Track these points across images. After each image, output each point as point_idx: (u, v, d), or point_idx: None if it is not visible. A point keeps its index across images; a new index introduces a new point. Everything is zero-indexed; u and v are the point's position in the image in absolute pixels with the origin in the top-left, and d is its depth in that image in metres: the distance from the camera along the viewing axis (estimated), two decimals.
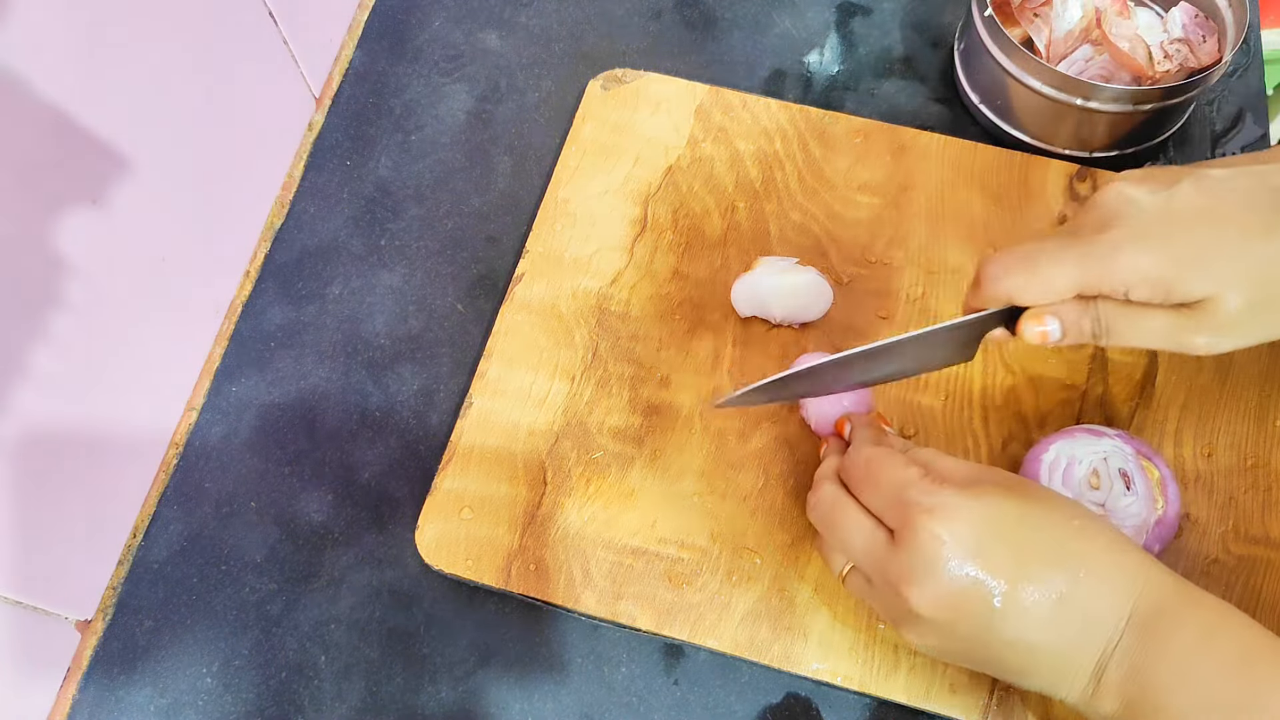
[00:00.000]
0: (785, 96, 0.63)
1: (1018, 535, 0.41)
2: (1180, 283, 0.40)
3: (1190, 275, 0.40)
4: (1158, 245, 0.41)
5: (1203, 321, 0.41)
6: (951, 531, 0.41)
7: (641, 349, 0.55)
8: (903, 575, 0.41)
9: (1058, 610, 0.40)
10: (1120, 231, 0.41)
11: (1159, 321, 0.42)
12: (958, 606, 0.41)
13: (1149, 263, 0.41)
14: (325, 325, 0.58)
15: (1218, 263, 0.40)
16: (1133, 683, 0.39)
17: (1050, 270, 0.42)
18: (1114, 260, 0.41)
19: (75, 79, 0.44)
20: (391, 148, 0.63)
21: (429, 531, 0.51)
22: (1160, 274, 0.41)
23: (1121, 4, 0.60)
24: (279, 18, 0.58)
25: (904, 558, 0.41)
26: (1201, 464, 0.51)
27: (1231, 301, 0.40)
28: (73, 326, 0.47)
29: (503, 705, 0.50)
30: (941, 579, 0.40)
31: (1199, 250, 0.40)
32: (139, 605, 0.53)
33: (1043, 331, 0.43)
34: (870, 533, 0.43)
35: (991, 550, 0.41)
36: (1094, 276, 0.42)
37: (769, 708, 0.49)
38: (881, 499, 0.43)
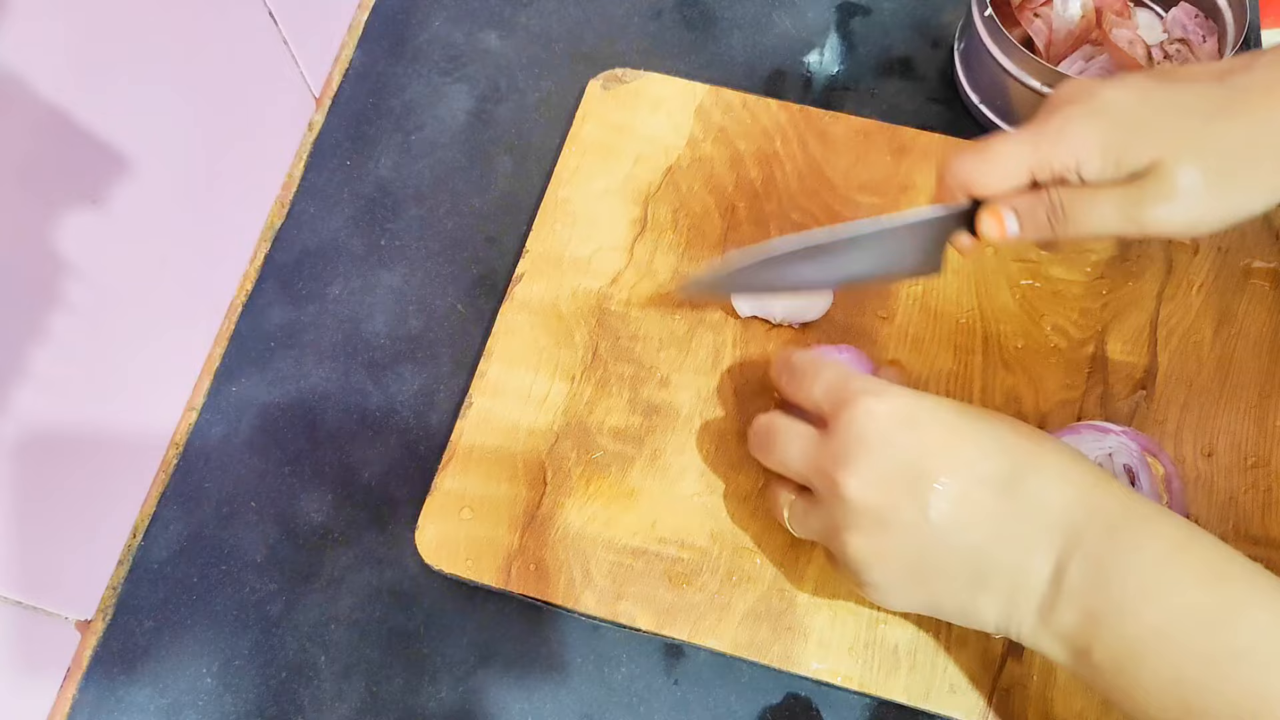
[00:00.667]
0: (785, 96, 0.63)
1: (957, 421, 0.40)
2: (1128, 148, 0.40)
3: (1138, 140, 0.40)
4: (1107, 119, 0.41)
5: (1154, 190, 0.40)
6: (887, 405, 0.40)
7: (641, 349, 0.55)
8: (837, 457, 0.40)
9: (1001, 497, 0.39)
10: (1071, 109, 0.42)
11: (1112, 198, 0.41)
12: (893, 487, 0.39)
13: (1098, 133, 0.41)
14: (325, 325, 0.58)
15: (1166, 129, 0.40)
16: (1097, 590, 0.37)
17: (1003, 153, 0.43)
18: (1063, 135, 0.41)
19: (75, 79, 0.44)
20: (391, 148, 0.63)
21: (429, 531, 0.51)
22: (1108, 141, 0.41)
23: (1121, 4, 0.60)
24: (279, 18, 0.58)
25: (837, 440, 0.40)
26: (1201, 464, 0.51)
27: (1181, 166, 0.40)
28: (73, 326, 0.47)
29: (503, 705, 0.50)
30: (873, 451, 0.39)
31: (1147, 118, 0.41)
32: (139, 605, 0.53)
33: (1000, 227, 0.43)
34: (805, 431, 0.43)
35: (929, 429, 0.40)
36: (1045, 154, 0.42)
37: (769, 708, 0.49)
38: (821, 390, 0.43)
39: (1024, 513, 0.39)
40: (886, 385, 0.42)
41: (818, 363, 0.45)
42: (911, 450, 0.39)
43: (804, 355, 0.46)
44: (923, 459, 0.39)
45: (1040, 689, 0.47)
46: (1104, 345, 0.54)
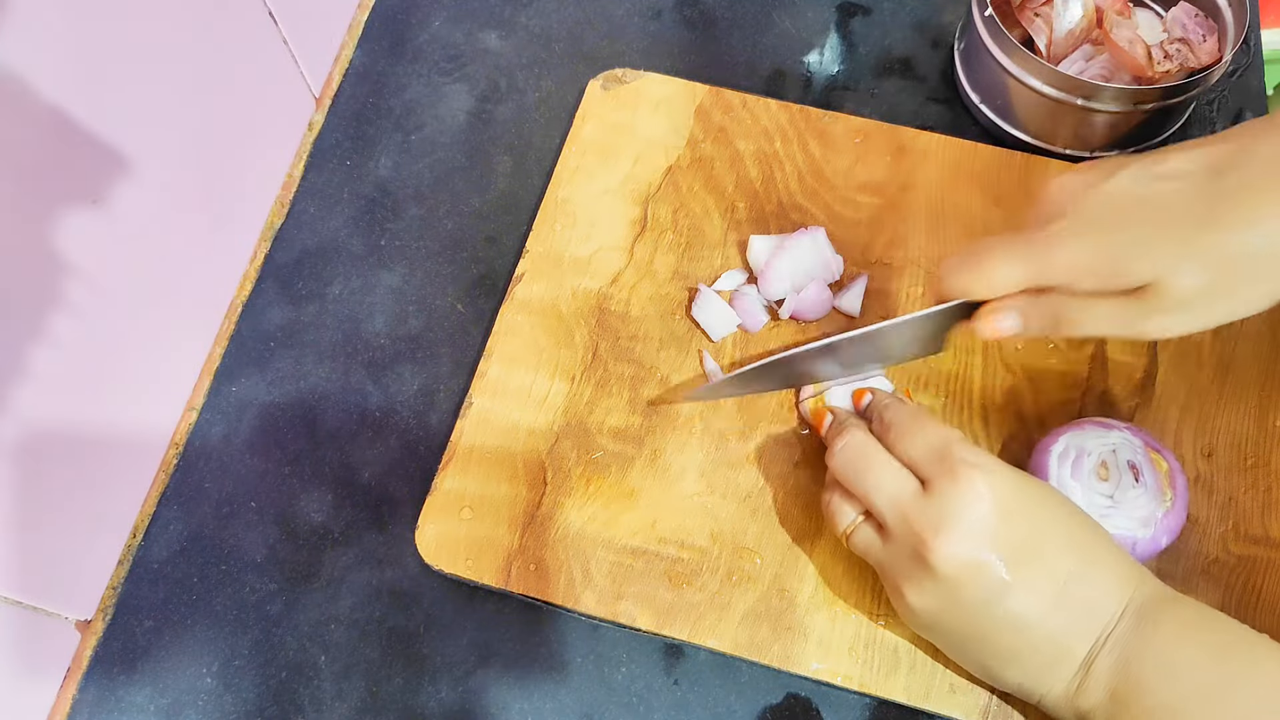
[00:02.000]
0: (785, 96, 0.63)
1: (1041, 514, 0.42)
2: (1122, 269, 0.41)
3: (1130, 261, 0.41)
4: (1097, 235, 0.42)
5: (1151, 306, 0.41)
6: (992, 489, 0.41)
7: (641, 349, 0.55)
8: (932, 523, 0.41)
9: (1063, 592, 0.41)
10: (1061, 224, 0.42)
11: (1109, 309, 0.42)
12: (975, 567, 0.41)
13: (1089, 253, 0.42)
14: (325, 325, 0.58)
15: (1157, 247, 0.41)
16: (1120, 674, 0.40)
17: (996, 268, 0.43)
18: (1055, 254, 0.42)
19: (75, 79, 0.44)
20: (391, 148, 0.63)
21: (429, 531, 0.51)
22: (1100, 263, 0.41)
23: (1122, 4, 0.60)
24: (279, 18, 0.58)
25: (938, 505, 0.42)
26: (1201, 464, 0.51)
27: (1176, 284, 0.40)
28: (73, 326, 0.47)
29: (503, 705, 0.50)
30: (971, 533, 0.41)
31: (1138, 236, 0.41)
32: (139, 605, 0.53)
33: (996, 328, 0.45)
34: (903, 478, 0.43)
35: (1019, 519, 0.42)
36: (1038, 271, 0.43)
37: (769, 708, 0.49)
38: (922, 449, 0.43)
39: (1077, 609, 0.41)
40: (987, 458, 0.43)
41: (919, 417, 0.45)
42: (1002, 541, 0.41)
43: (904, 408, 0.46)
44: (1009, 554, 0.41)
45: None
46: (1104, 345, 0.54)
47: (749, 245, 0.56)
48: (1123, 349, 0.54)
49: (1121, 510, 0.47)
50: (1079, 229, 0.42)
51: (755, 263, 0.56)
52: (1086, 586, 0.41)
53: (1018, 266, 0.43)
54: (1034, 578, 0.41)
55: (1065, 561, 0.42)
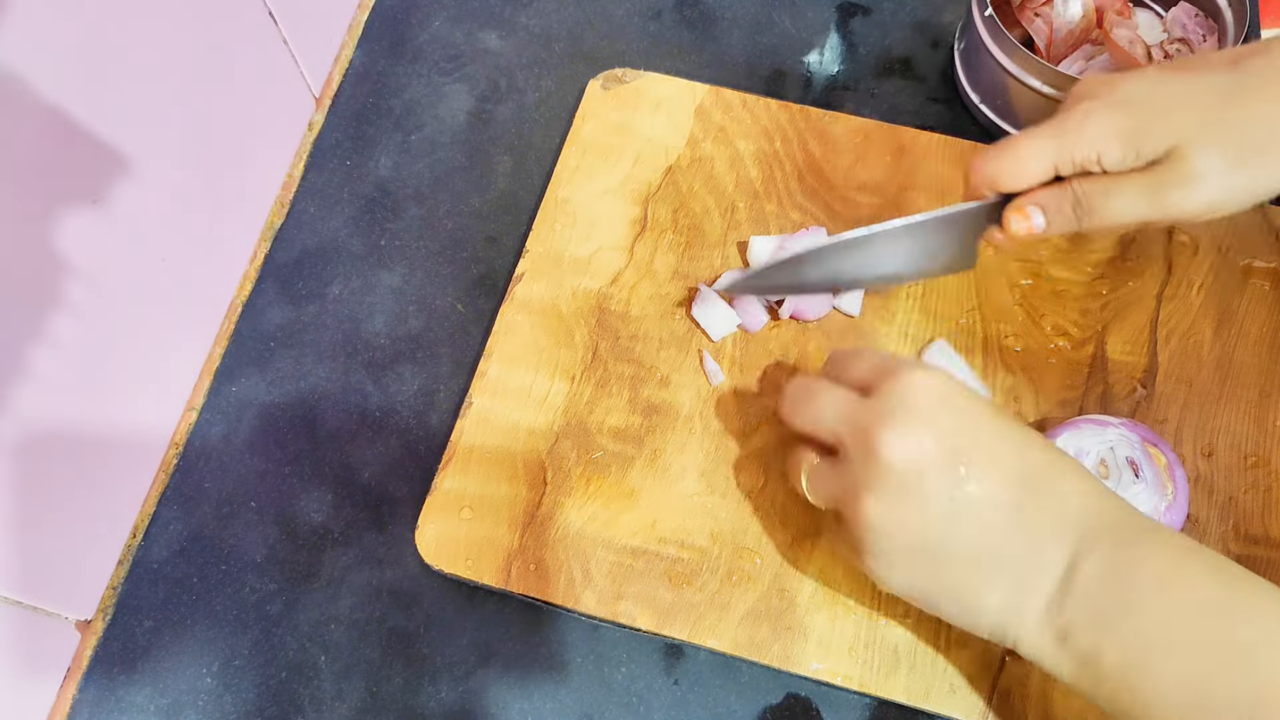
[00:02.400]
0: (785, 96, 0.63)
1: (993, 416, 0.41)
2: (1146, 136, 0.42)
3: (1155, 127, 0.42)
4: (1125, 109, 0.43)
5: (1175, 175, 0.42)
6: (935, 381, 0.41)
7: (641, 349, 0.55)
8: (879, 416, 0.41)
9: (1025, 495, 0.40)
10: (1091, 103, 0.44)
11: (1134, 185, 0.43)
12: (926, 457, 0.39)
13: (1116, 123, 0.43)
14: (325, 325, 0.59)
15: (1182, 116, 0.42)
16: (1108, 592, 0.38)
17: (1027, 148, 0.44)
18: (1084, 127, 0.43)
19: (75, 79, 0.44)
20: (391, 148, 0.63)
21: (429, 531, 0.51)
22: (1127, 130, 0.42)
23: (1122, 3, 0.60)
24: (279, 18, 0.58)
25: (883, 400, 0.41)
26: (1201, 464, 0.51)
27: (1199, 151, 0.41)
28: (73, 326, 0.47)
29: (503, 705, 0.50)
30: (919, 418, 0.40)
31: (1164, 106, 0.43)
32: (139, 605, 0.53)
33: (1027, 223, 0.45)
34: (846, 393, 0.43)
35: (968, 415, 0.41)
36: (1067, 147, 0.44)
37: (769, 708, 0.49)
38: (866, 366, 0.44)
39: (1041, 509, 0.40)
40: (930, 365, 0.43)
41: (869, 350, 0.46)
42: (950, 428, 0.40)
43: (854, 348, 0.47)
44: (959, 438, 0.40)
45: (1040, 689, 0.47)
46: (1104, 345, 0.54)
47: (750, 245, 0.56)
48: (1123, 349, 0.54)
49: None
50: (1108, 105, 0.43)
51: (756, 263, 0.56)
52: (1049, 490, 0.40)
53: (1046, 145, 0.44)
54: (993, 471, 0.40)
55: (1021, 461, 0.40)
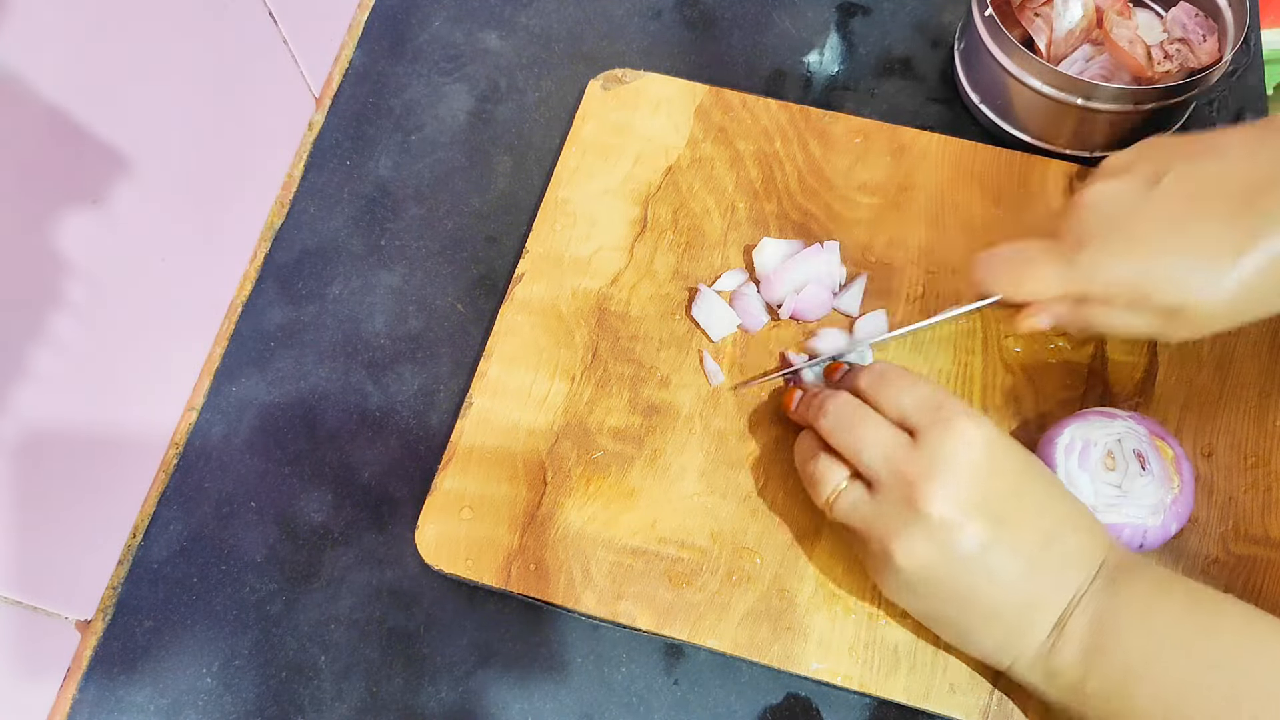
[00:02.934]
0: (785, 96, 0.63)
1: (1025, 473, 0.44)
2: (1156, 294, 0.43)
3: (1165, 288, 0.43)
4: (1134, 260, 0.44)
5: (1182, 323, 0.44)
6: (985, 440, 0.43)
7: (641, 349, 0.55)
8: (925, 469, 0.42)
9: (1043, 551, 0.42)
10: (1099, 246, 0.45)
11: (1141, 320, 0.45)
12: (966, 514, 0.42)
13: (1126, 279, 0.44)
14: (325, 325, 0.58)
15: (1192, 277, 0.43)
16: (1094, 630, 0.41)
17: (1035, 281, 0.46)
18: (1094, 274, 0.44)
19: (75, 79, 0.44)
20: (391, 148, 0.63)
21: (429, 531, 0.51)
22: (1136, 287, 0.44)
23: (1122, 4, 0.60)
24: (279, 18, 0.58)
25: (931, 452, 0.42)
26: (1201, 464, 0.51)
27: (1207, 307, 0.43)
28: (73, 326, 0.47)
29: (503, 705, 0.50)
30: (964, 480, 0.42)
31: (1174, 264, 0.43)
32: (139, 605, 0.53)
33: (1034, 326, 0.47)
34: (893, 431, 0.44)
35: (1006, 474, 0.43)
36: (1078, 285, 0.45)
37: (769, 708, 0.49)
38: (914, 401, 0.44)
39: (1054, 568, 0.43)
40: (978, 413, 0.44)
41: (910, 375, 0.46)
42: (991, 490, 0.42)
43: (893, 367, 0.47)
44: (997, 500, 0.42)
45: None
46: (1104, 345, 0.54)
47: (760, 247, 0.56)
48: (1123, 349, 0.54)
49: (1130, 499, 0.47)
50: (1116, 254, 0.44)
51: (763, 267, 0.56)
52: (1063, 546, 0.43)
53: (1057, 282, 0.45)
54: (1017, 533, 0.42)
55: (1045, 521, 0.43)
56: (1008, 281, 0.47)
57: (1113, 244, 0.44)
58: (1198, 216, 0.43)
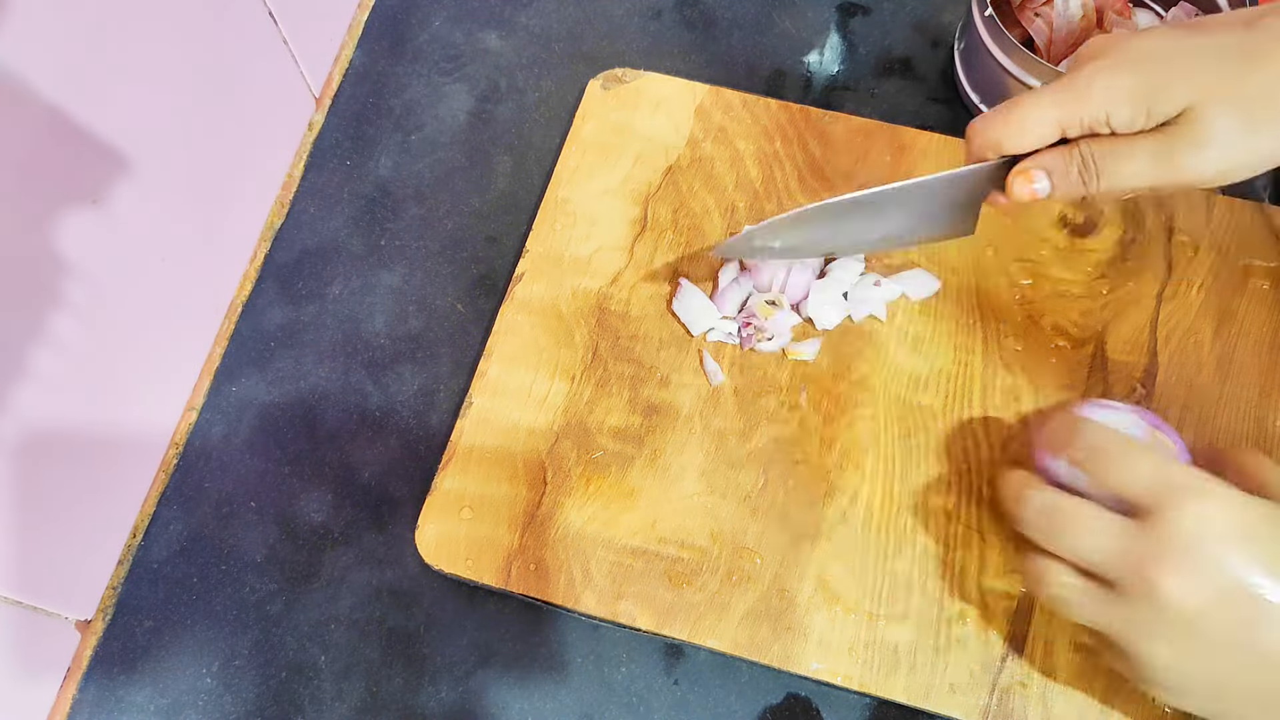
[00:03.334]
0: (785, 96, 0.63)
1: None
2: (1158, 95, 0.40)
3: (1168, 86, 0.40)
4: (1136, 67, 0.41)
5: (1187, 137, 0.40)
6: (1224, 511, 0.37)
7: (641, 349, 0.55)
8: (1160, 553, 0.37)
9: None
10: (1100, 62, 0.41)
11: (1144, 147, 0.41)
12: (1221, 598, 0.37)
13: (1127, 81, 0.40)
14: (325, 325, 0.59)
15: (1196, 75, 0.40)
16: None
17: (1031, 109, 0.42)
18: (1092, 86, 0.41)
19: (75, 79, 0.44)
20: (391, 148, 0.63)
21: (429, 531, 0.51)
22: (1138, 89, 0.40)
23: (1122, 3, 0.60)
24: (279, 18, 0.58)
25: (1164, 533, 0.37)
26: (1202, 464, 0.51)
27: (1213, 112, 0.39)
28: (73, 326, 0.47)
29: (503, 705, 0.50)
30: (1209, 556, 0.37)
31: (1177, 65, 0.40)
32: (139, 605, 0.53)
33: (1031, 188, 0.43)
34: (1110, 519, 0.39)
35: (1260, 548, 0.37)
36: (1074, 107, 0.41)
37: (769, 708, 0.49)
38: (1133, 478, 0.39)
39: None
40: (1215, 483, 0.39)
41: (1128, 445, 0.41)
42: (1246, 565, 0.37)
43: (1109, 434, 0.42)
44: (1257, 576, 0.37)
45: (1040, 689, 0.47)
46: (1104, 345, 0.54)
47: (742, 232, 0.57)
48: (1123, 349, 0.54)
49: None
50: (1116, 64, 0.41)
51: None
52: None
53: (1051, 105, 0.42)
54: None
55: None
56: (999, 124, 0.43)
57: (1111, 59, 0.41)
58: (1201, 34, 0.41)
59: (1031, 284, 0.56)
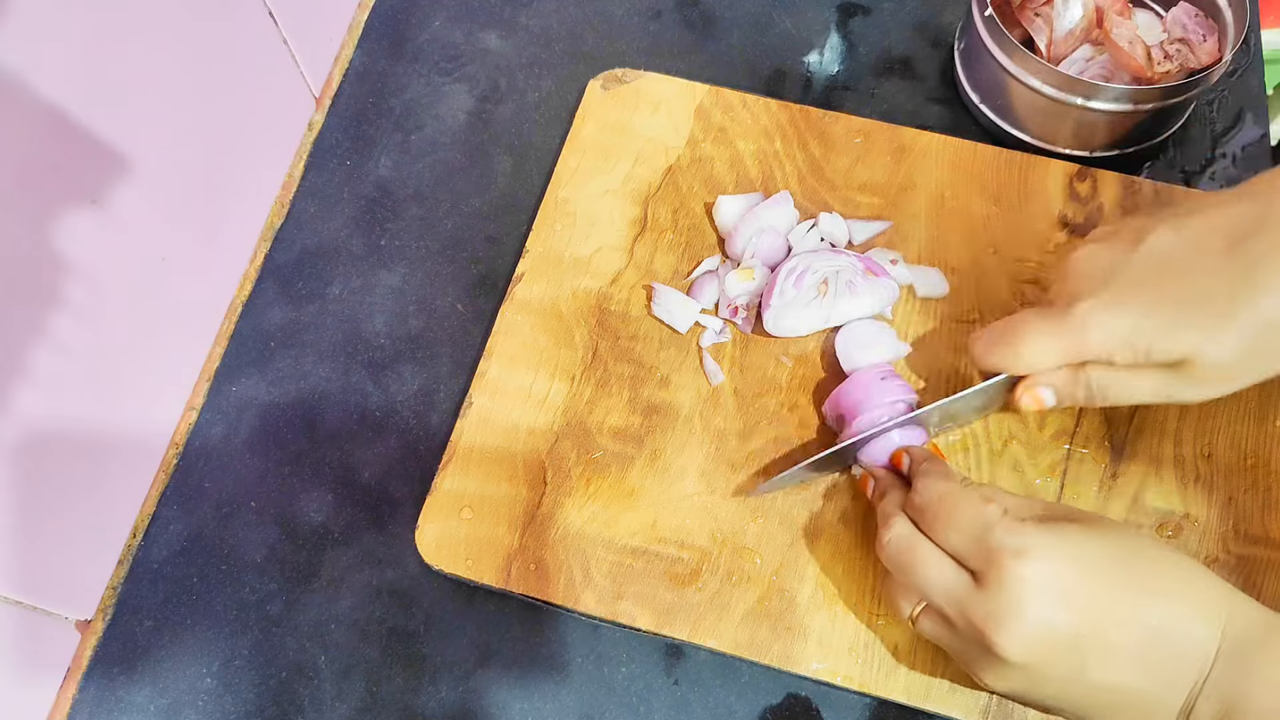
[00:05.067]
0: (785, 96, 0.63)
1: (1104, 574, 0.41)
2: (1156, 347, 0.42)
3: (1164, 342, 0.42)
4: (1128, 315, 0.42)
5: (1188, 378, 0.42)
6: (1040, 573, 0.40)
7: (641, 349, 0.55)
8: (990, 619, 0.40)
9: (1147, 649, 0.40)
10: (1091, 302, 0.43)
11: (1148, 380, 0.43)
12: (1046, 651, 0.40)
13: (1122, 334, 0.42)
14: (325, 325, 0.58)
15: (1189, 326, 0.41)
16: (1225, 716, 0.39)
17: (1031, 349, 0.44)
18: (1088, 335, 0.43)
19: (75, 79, 0.44)
20: (391, 148, 0.63)
21: (429, 531, 0.51)
22: (1134, 341, 0.42)
23: (1122, 4, 0.60)
24: (279, 18, 0.58)
25: (991, 601, 0.40)
26: (1201, 464, 0.51)
27: (1211, 358, 0.41)
28: (73, 326, 0.47)
29: (503, 705, 0.50)
30: (1030, 623, 0.40)
31: (1169, 316, 0.42)
32: (139, 605, 0.53)
33: (1038, 405, 0.46)
34: (953, 574, 0.42)
35: (1080, 591, 0.40)
36: (1073, 346, 0.43)
37: (769, 708, 0.49)
38: (962, 538, 0.42)
39: (1165, 663, 0.40)
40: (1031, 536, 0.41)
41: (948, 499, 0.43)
42: (1067, 621, 0.40)
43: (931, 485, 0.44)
44: (1076, 623, 0.40)
45: None
46: None
47: (717, 205, 0.57)
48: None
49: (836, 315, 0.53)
50: (1109, 307, 0.43)
51: (723, 223, 0.57)
52: (1171, 636, 0.39)
53: (1052, 347, 0.44)
54: (1112, 644, 0.40)
55: (1141, 615, 0.40)
56: (1002, 352, 0.45)
57: (1104, 298, 0.43)
58: (1187, 265, 0.42)
59: (1031, 284, 0.56)
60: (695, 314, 0.55)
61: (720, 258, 0.57)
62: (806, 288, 0.52)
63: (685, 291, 0.56)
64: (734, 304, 0.55)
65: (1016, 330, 0.45)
